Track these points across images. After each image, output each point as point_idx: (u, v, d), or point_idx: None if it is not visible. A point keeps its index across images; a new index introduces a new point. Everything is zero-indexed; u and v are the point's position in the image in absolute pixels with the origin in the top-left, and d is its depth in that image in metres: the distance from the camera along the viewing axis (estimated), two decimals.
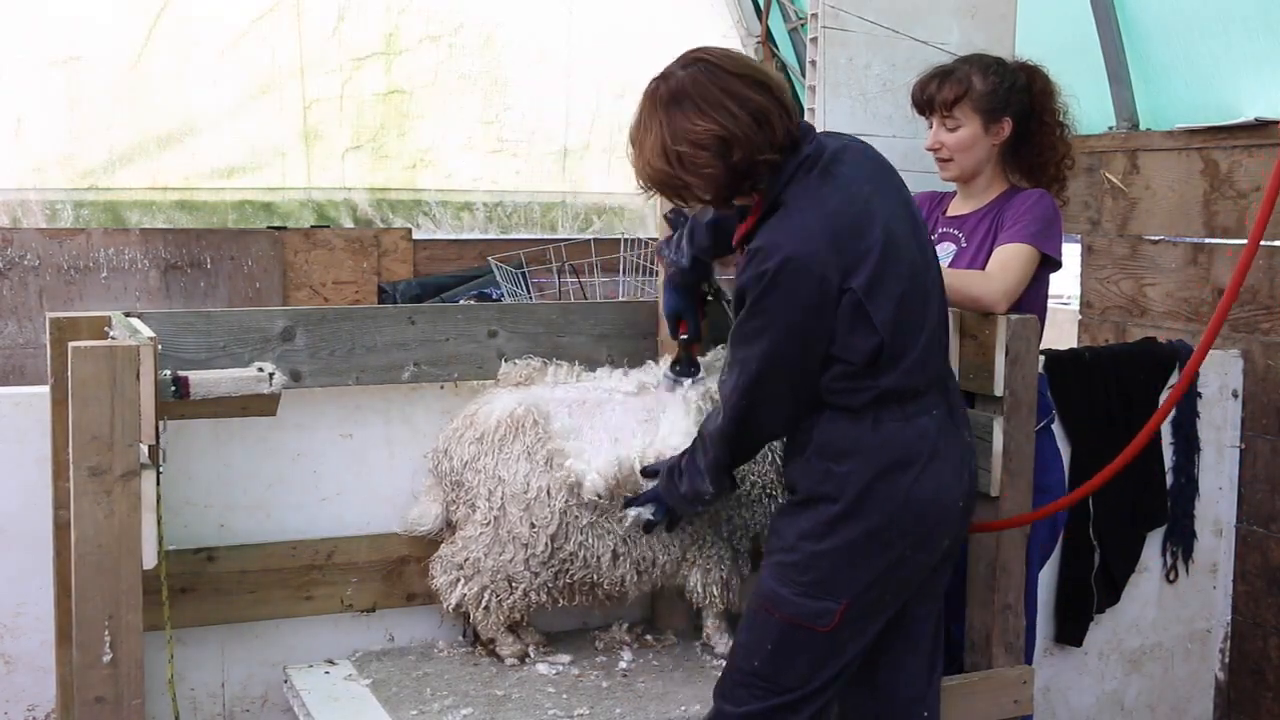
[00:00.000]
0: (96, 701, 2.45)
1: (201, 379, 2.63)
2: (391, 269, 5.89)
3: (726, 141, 2.58)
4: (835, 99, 3.70)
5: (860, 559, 2.62)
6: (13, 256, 5.28)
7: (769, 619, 2.67)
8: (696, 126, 2.59)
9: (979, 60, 3.40)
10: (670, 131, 2.61)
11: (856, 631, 2.66)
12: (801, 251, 2.53)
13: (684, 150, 2.60)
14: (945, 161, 3.42)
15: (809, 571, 2.63)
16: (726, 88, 2.61)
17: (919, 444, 2.63)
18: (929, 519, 2.65)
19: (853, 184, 2.63)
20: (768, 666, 2.67)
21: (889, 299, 2.58)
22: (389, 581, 3.22)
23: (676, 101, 2.63)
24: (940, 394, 2.71)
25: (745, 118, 2.59)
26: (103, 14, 5.47)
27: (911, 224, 2.69)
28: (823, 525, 2.62)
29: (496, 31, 6.11)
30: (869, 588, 2.63)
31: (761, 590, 2.70)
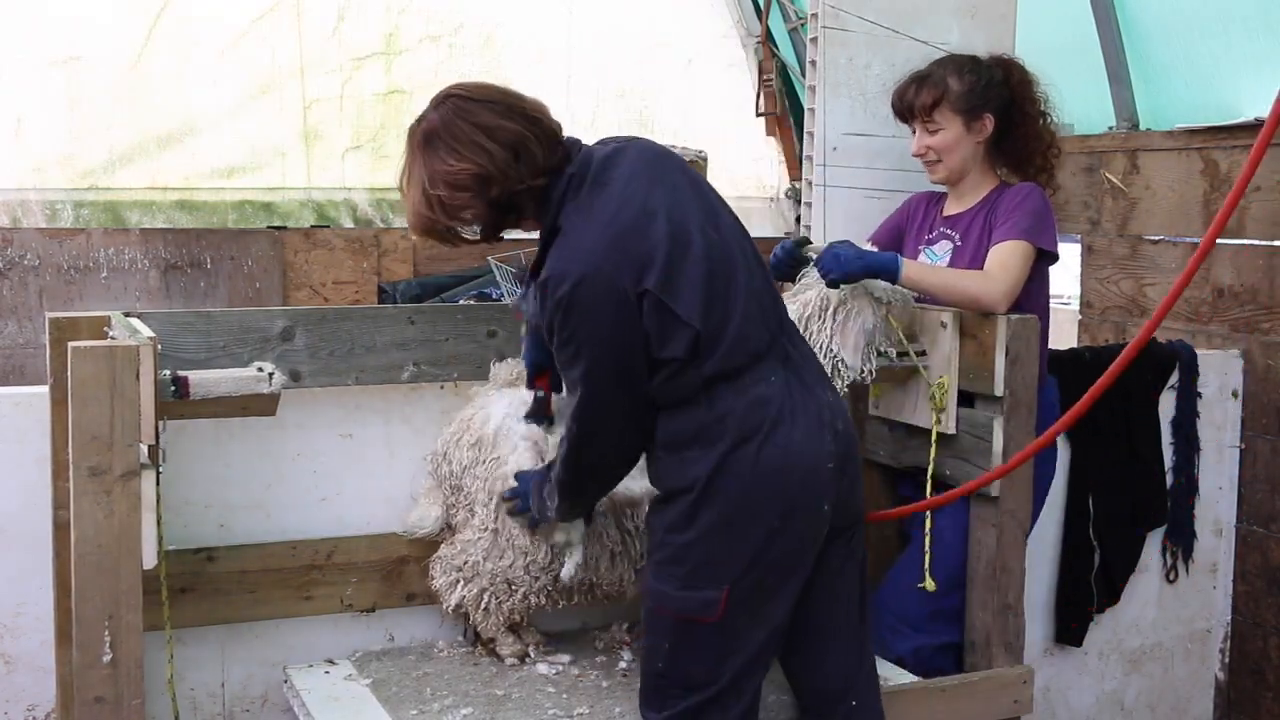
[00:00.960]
0: (96, 701, 2.45)
1: (201, 379, 2.63)
2: (391, 269, 5.88)
3: (483, 179, 2.58)
4: (835, 99, 3.71)
5: (727, 541, 2.57)
6: (13, 256, 5.28)
7: (661, 619, 2.65)
8: (451, 167, 2.59)
9: (953, 61, 3.42)
10: (428, 175, 2.61)
11: (751, 617, 2.61)
12: (588, 269, 2.52)
13: (442, 193, 2.60)
14: (933, 165, 3.44)
15: (682, 564, 2.60)
16: (477, 122, 2.60)
17: (758, 413, 2.58)
18: (787, 486, 2.58)
19: (627, 185, 2.61)
20: (672, 667, 2.64)
21: (690, 288, 2.55)
22: (389, 581, 3.22)
23: (429, 143, 2.62)
24: (777, 359, 2.65)
25: (499, 151, 2.58)
26: (103, 14, 5.45)
27: (701, 203, 2.66)
28: (683, 516, 2.60)
29: (496, 31, 6.09)
30: (747, 569, 2.58)
31: (648, 591, 2.69)
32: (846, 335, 3.16)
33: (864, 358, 3.18)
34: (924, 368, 3.32)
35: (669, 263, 2.55)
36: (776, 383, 2.62)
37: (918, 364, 3.31)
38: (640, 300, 2.53)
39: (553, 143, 2.65)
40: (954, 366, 3.27)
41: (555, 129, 2.68)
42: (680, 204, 2.62)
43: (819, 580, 2.71)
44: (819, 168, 3.71)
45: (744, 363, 2.60)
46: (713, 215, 2.67)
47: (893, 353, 3.28)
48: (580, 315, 2.53)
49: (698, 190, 2.70)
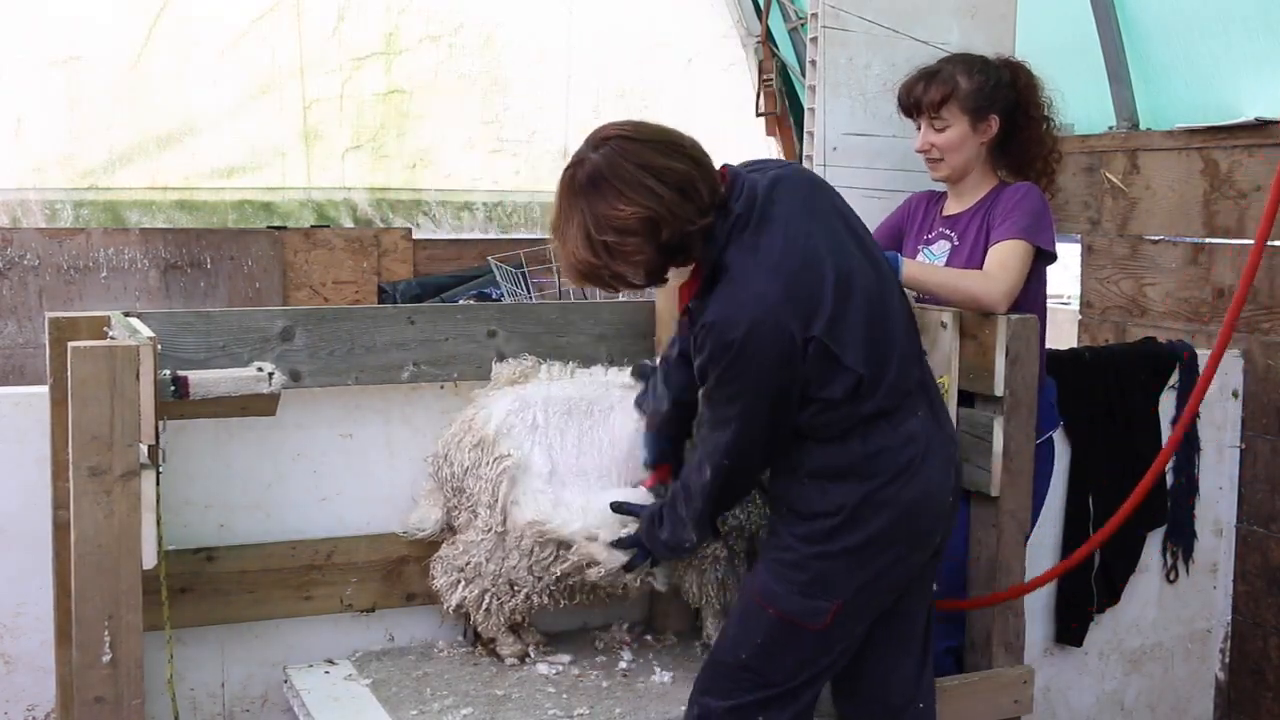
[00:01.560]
0: (96, 701, 2.45)
1: (201, 379, 2.63)
2: (391, 269, 5.88)
3: (654, 222, 2.50)
4: (835, 99, 3.70)
5: (859, 564, 2.62)
6: (13, 256, 5.28)
7: (761, 614, 2.66)
8: (621, 211, 2.49)
9: (963, 59, 3.41)
10: (593, 220, 2.51)
11: (846, 631, 2.67)
12: (762, 317, 2.48)
13: (610, 240, 2.51)
14: (935, 162, 3.44)
15: (806, 571, 2.63)
16: (644, 163, 2.52)
17: (909, 449, 2.63)
18: (923, 519, 2.65)
19: (790, 225, 2.56)
20: (756, 660, 2.66)
21: (854, 334, 2.55)
22: (388, 581, 3.22)
23: (595, 186, 2.52)
24: (921, 393, 2.69)
25: (668, 192, 2.50)
26: (103, 14, 5.46)
27: (856, 241, 2.65)
28: (821, 534, 2.62)
29: (496, 31, 6.11)
30: (863, 589, 2.64)
31: (755, 585, 2.70)
32: None
33: None
34: None
35: (835, 308, 2.52)
36: (923, 417, 2.66)
37: None
38: (806, 345, 2.50)
39: (714, 180, 2.58)
40: (954, 366, 3.26)
41: (712, 165, 2.61)
42: (840, 243, 2.60)
43: (904, 597, 2.76)
44: (819, 168, 3.70)
45: (900, 400, 2.63)
46: (866, 250, 2.67)
47: None
48: (746, 360, 2.49)
49: (848, 223, 2.68)
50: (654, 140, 2.56)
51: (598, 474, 3.12)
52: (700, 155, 2.59)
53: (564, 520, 3.04)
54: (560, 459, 3.13)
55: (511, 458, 3.06)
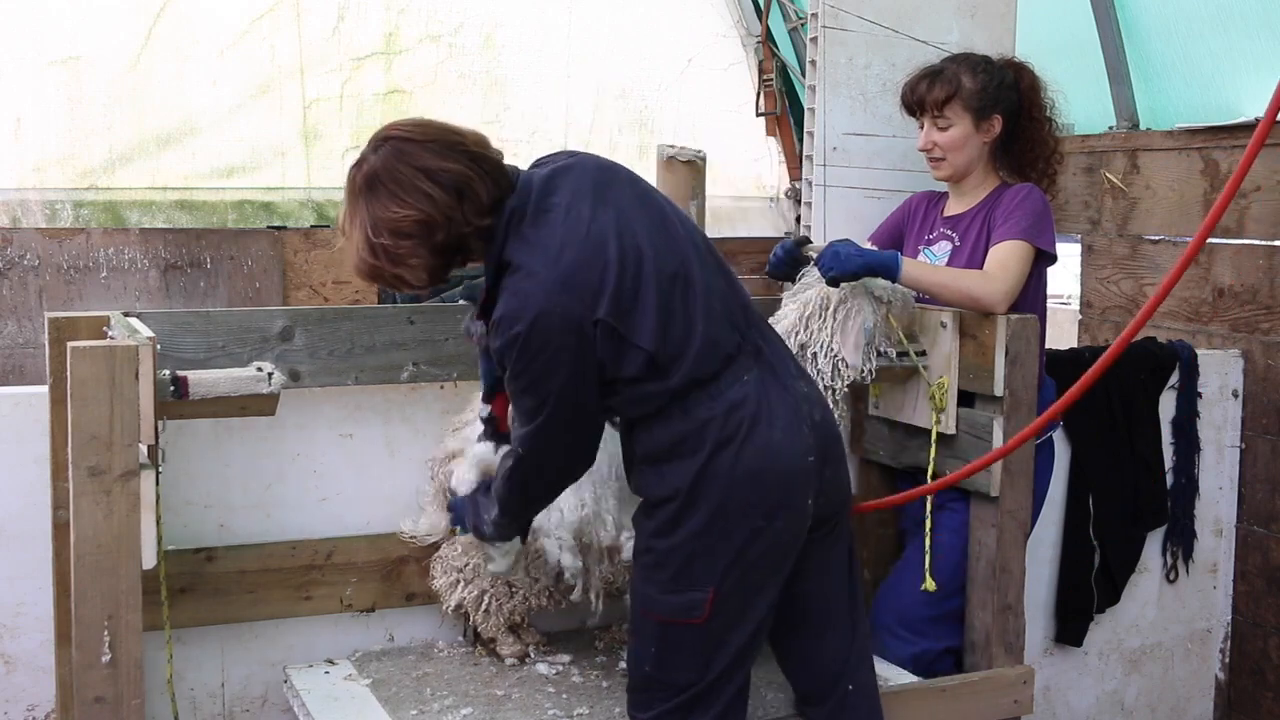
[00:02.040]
0: (96, 701, 2.45)
1: (200, 379, 2.63)
2: None
3: (427, 225, 2.53)
4: (835, 99, 3.71)
5: (711, 544, 2.57)
6: (13, 256, 5.28)
7: (646, 622, 2.65)
8: (395, 214, 2.52)
9: (967, 59, 3.42)
10: (371, 222, 2.54)
11: (736, 616, 2.61)
12: (546, 307, 2.49)
13: (386, 241, 2.54)
14: (938, 161, 3.44)
15: (667, 568, 2.60)
16: (419, 165, 2.53)
17: (735, 416, 2.57)
18: (770, 485, 2.57)
19: (570, 212, 2.57)
20: (657, 670, 2.64)
21: (644, 310, 2.54)
22: (388, 581, 3.22)
23: (371, 189, 2.54)
24: (749, 357, 2.64)
25: (443, 195, 2.53)
26: (103, 14, 5.45)
27: (649, 214, 2.63)
28: (667, 522, 2.59)
29: (496, 31, 6.10)
30: (729, 569, 2.58)
31: (633, 594, 2.69)
32: (847, 334, 3.16)
33: (864, 357, 3.18)
34: (924, 368, 3.32)
35: (620, 288, 2.52)
36: (750, 381, 2.61)
37: (918, 364, 3.31)
38: (595, 328, 2.52)
39: (496, 177, 2.60)
40: (954, 366, 3.27)
41: (498, 162, 2.62)
42: (627, 222, 2.58)
43: (805, 569, 2.70)
44: (819, 168, 3.71)
45: (716, 368, 2.59)
46: (662, 225, 2.64)
47: (893, 352, 3.28)
48: (535, 352, 2.51)
49: (645, 201, 2.66)
50: (433, 140, 2.56)
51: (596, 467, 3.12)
52: (483, 153, 2.60)
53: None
54: None
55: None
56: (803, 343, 3.16)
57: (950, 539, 3.35)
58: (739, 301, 2.70)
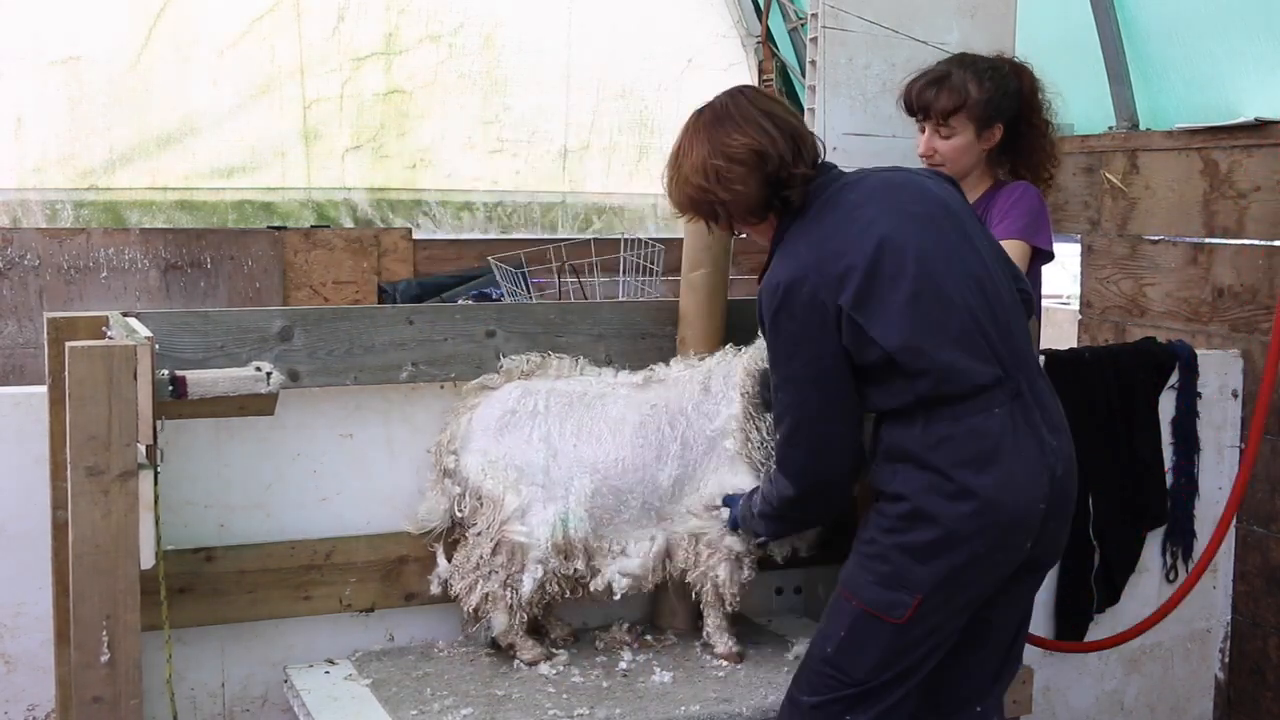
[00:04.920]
0: (94, 701, 2.45)
1: (199, 379, 2.63)
2: (391, 269, 5.88)
3: (761, 155, 2.76)
4: (835, 99, 3.70)
5: (931, 556, 2.64)
6: (13, 256, 5.28)
7: (846, 605, 2.73)
8: (734, 141, 2.76)
9: (971, 64, 3.39)
10: (710, 147, 2.78)
11: (929, 629, 2.69)
12: (792, 277, 2.69)
13: (720, 164, 2.77)
14: (937, 167, 3.43)
15: (886, 563, 2.67)
16: (762, 107, 2.81)
17: (974, 443, 2.63)
18: (999, 518, 2.63)
19: (855, 208, 2.74)
20: (839, 654, 2.71)
21: (887, 310, 2.63)
22: (387, 581, 3.22)
23: (718, 121, 2.81)
24: (1006, 394, 2.68)
25: (779, 132, 2.78)
26: (103, 14, 5.46)
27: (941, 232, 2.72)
28: (896, 520, 2.67)
29: (496, 31, 6.10)
30: (940, 586, 2.65)
31: (843, 577, 2.77)
32: None
33: None
34: None
35: (867, 284, 2.64)
36: (1000, 415, 2.66)
37: None
38: (839, 314, 2.65)
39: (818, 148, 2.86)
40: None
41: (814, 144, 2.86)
42: (905, 230, 2.69)
43: (998, 600, 2.77)
44: None
45: (964, 392, 2.64)
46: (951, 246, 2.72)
47: None
48: (784, 316, 2.69)
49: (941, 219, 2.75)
50: (773, 99, 2.92)
51: (593, 464, 3.13)
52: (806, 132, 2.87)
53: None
54: (560, 446, 3.14)
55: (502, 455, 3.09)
56: None
57: None
58: (1011, 343, 2.74)
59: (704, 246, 3.37)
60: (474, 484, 3.13)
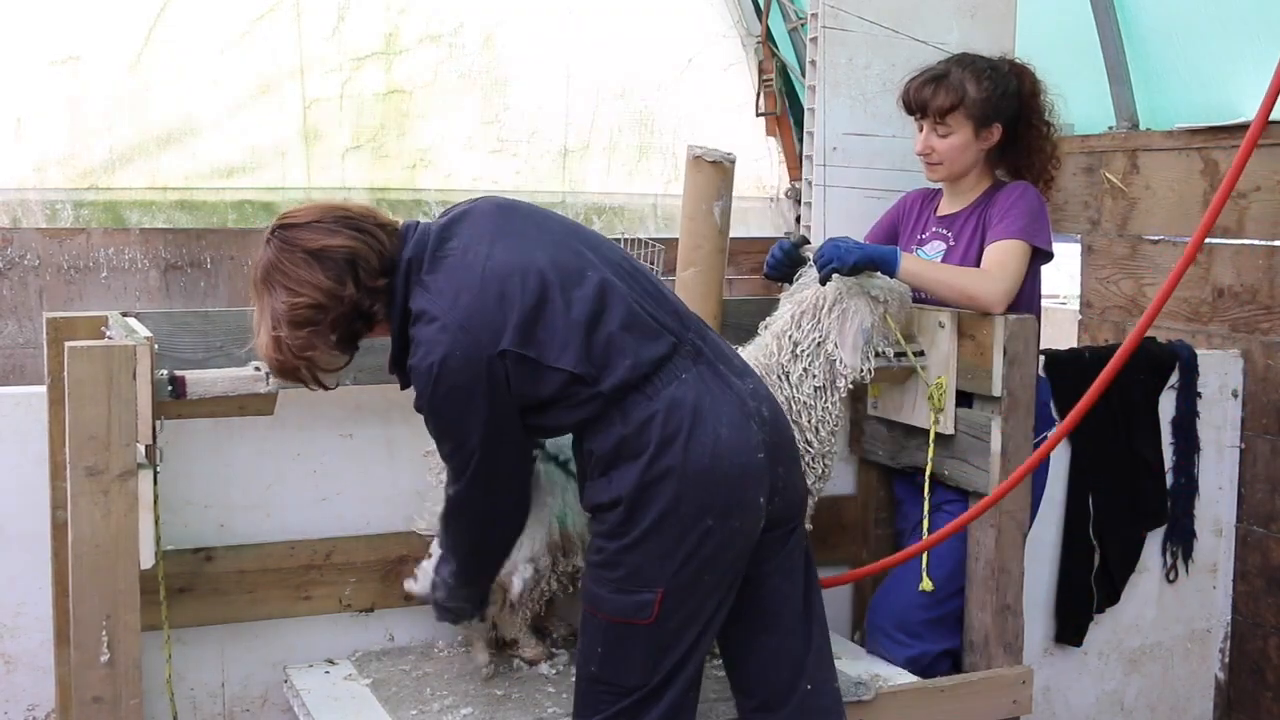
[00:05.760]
0: (94, 701, 2.45)
1: (198, 378, 2.64)
2: None
3: (322, 308, 2.55)
4: (835, 99, 3.71)
5: (661, 545, 2.55)
6: (13, 256, 5.28)
7: (594, 621, 2.63)
8: (289, 303, 2.55)
9: (970, 63, 3.39)
10: (271, 317, 2.57)
11: (686, 617, 2.59)
12: (448, 349, 2.52)
13: (283, 334, 2.56)
14: (934, 165, 3.43)
15: (617, 568, 2.58)
16: (306, 248, 2.57)
17: (676, 414, 2.55)
18: (720, 483, 2.55)
19: (465, 255, 2.60)
20: (605, 669, 2.62)
21: (554, 332, 2.55)
22: (387, 581, 3.22)
23: (268, 284, 2.58)
24: (687, 358, 2.62)
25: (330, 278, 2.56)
26: (103, 14, 5.45)
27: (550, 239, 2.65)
28: (618, 524, 2.57)
29: (496, 31, 6.09)
30: (680, 569, 2.55)
31: (584, 595, 2.68)
32: (844, 335, 3.16)
33: (862, 357, 3.18)
34: (922, 368, 3.32)
35: (524, 317, 2.54)
36: (689, 379, 2.59)
37: (915, 364, 3.31)
38: (503, 360, 2.53)
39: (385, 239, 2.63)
40: (952, 366, 3.27)
41: (388, 225, 2.66)
42: (528, 251, 2.60)
43: (761, 571, 2.68)
44: (819, 168, 3.71)
45: (647, 371, 2.57)
46: (567, 247, 2.65)
47: (891, 353, 3.27)
48: (446, 395, 2.54)
49: (545, 228, 2.68)
50: (316, 220, 2.61)
51: None
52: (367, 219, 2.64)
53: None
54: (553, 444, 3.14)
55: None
56: (796, 341, 3.15)
57: (948, 540, 3.34)
58: (669, 307, 2.70)
59: (694, 246, 3.37)
60: None
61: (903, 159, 3.70)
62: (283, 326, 2.55)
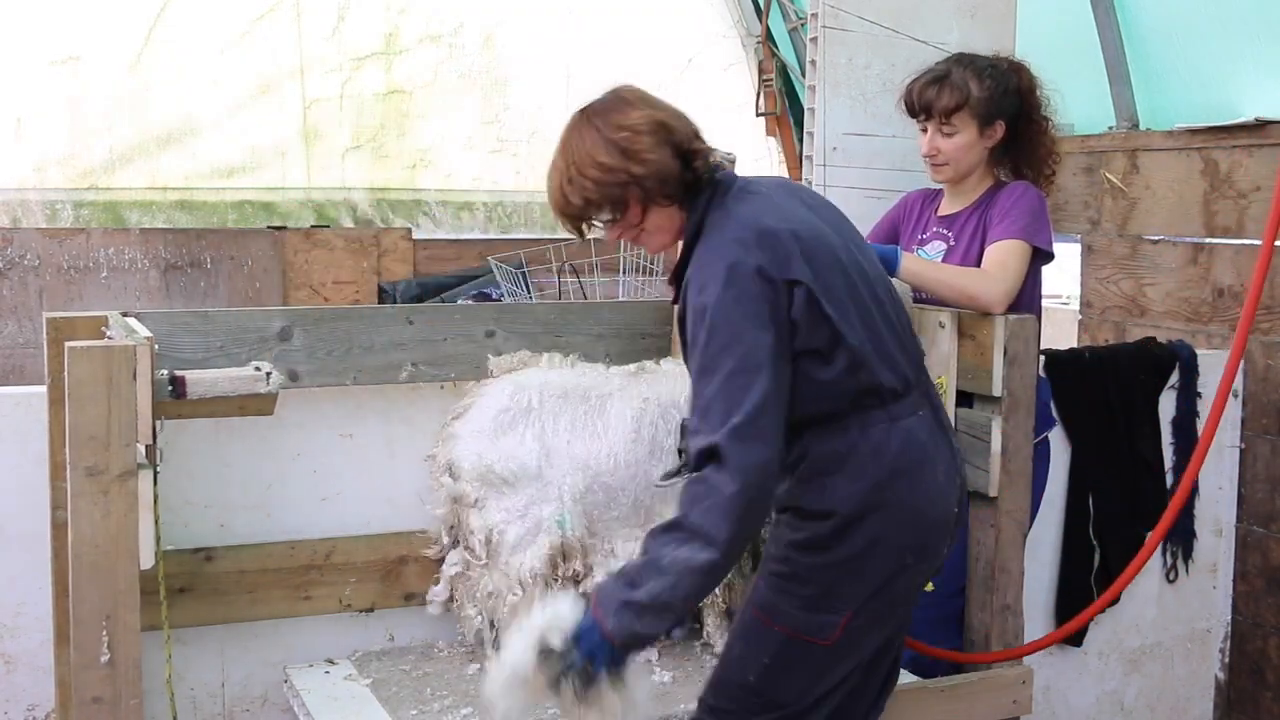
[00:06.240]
0: (94, 702, 2.45)
1: (198, 378, 2.63)
2: (391, 269, 5.88)
3: (664, 125, 2.58)
4: (835, 99, 3.71)
5: (862, 570, 2.54)
6: (13, 256, 5.28)
7: (767, 631, 2.58)
8: (632, 116, 2.59)
9: (972, 64, 3.39)
10: (607, 127, 2.57)
11: (854, 645, 2.59)
12: (739, 256, 2.45)
13: (624, 136, 2.55)
14: (940, 166, 3.42)
15: (809, 584, 2.54)
16: (647, 98, 2.66)
17: (910, 449, 2.56)
18: (929, 528, 2.59)
19: (770, 197, 2.61)
20: (764, 681, 2.58)
21: (837, 291, 2.51)
22: (387, 581, 3.22)
23: (607, 110, 2.62)
24: (923, 396, 2.65)
25: (671, 111, 2.64)
26: (103, 14, 5.46)
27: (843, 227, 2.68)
28: (822, 539, 2.53)
29: (496, 31, 6.10)
30: (871, 599, 2.55)
31: (757, 601, 2.61)
32: None
33: None
34: None
35: (815, 261, 2.50)
36: (925, 418, 2.62)
37: None
38: (791, 291, 2.46)
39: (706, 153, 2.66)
40: (952, 366, 3.26)
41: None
42: (820, 221, 2.61)
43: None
44: (819, 168, 3.71)
45: (895, 387, 2.56)
46: (855, 240, 2.69)
47: None
48: (731, 300, 2.41)
49: (839, 217, 2.72)
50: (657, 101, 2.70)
51: (588, 460, 3.13)
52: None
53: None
54: (553, 444, 3.13)
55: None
56: None
57: None
58: (915, 345, 2.73)
59: None
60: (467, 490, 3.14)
61: (903, 159, 3.70)
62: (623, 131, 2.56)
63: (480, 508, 3.12)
